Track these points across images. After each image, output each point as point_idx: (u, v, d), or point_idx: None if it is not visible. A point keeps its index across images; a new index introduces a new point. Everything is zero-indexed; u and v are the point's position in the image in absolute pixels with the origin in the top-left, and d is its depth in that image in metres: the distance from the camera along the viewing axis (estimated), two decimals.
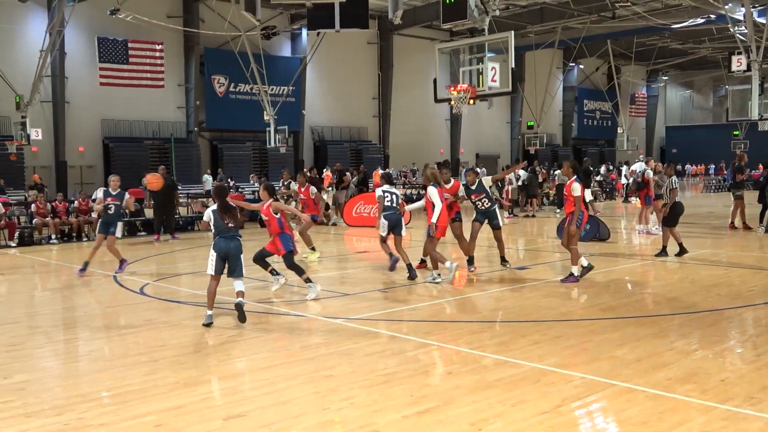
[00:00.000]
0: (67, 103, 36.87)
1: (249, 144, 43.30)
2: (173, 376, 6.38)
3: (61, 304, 10.25)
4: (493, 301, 9.95)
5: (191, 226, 21.18)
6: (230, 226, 8.40)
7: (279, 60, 43.19)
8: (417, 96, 49.26)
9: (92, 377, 6.53)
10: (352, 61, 47.44)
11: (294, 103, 43.30)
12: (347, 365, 6.63)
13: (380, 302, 9.92)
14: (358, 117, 48.71)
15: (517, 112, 57.04)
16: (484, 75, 17.62)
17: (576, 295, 10.10)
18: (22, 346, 7.82)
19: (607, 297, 9.85)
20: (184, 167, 39.50)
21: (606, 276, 11.66)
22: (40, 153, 36.16)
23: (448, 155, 52.16)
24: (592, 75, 61.52)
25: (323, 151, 46.28)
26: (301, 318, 8.86)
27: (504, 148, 57.90)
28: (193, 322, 8.83)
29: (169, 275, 12.68)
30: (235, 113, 41.83)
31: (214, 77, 41.60)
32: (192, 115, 41.41)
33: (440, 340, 7.51)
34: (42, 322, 9.07)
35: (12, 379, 6.48)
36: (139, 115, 39.50)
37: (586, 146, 64.06)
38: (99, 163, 38.74)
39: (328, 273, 12.69)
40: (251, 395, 5.83)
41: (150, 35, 37.68)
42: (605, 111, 62.73)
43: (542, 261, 13.92)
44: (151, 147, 39.67)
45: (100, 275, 12.83)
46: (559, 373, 6.23)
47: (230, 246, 8.42)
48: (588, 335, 7.60)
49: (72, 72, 36.90)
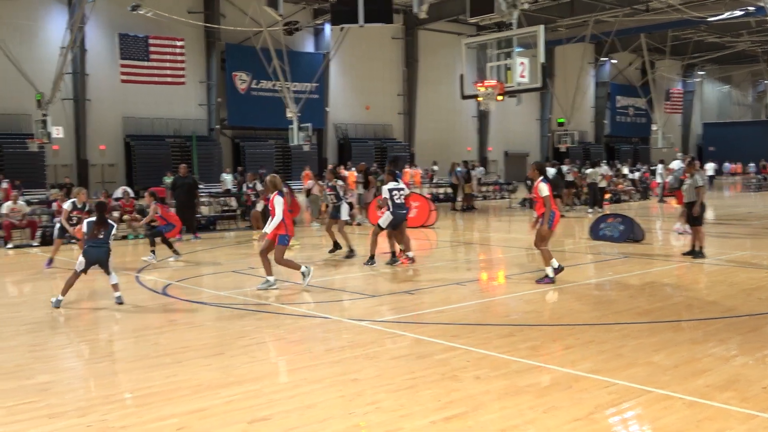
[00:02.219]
0: (88, 100, 37.34)
1: (272, 142, 43.50)
2: (196, 378, 6.43)
3: (84, 304, 10.37)
4: (523, 303, 9.89)
5: (213, 226, 21.33)
6: (100, 236, 9.98)
7: (302, 56, 43.36)
8: (443, 92, 49.17)
9: (115, 378, 6.60)
10: (376, 57, 47.48)
11: (317, 100, 43.42)
12: (373, 369, 6.63)
13: (406, 304, 9.91)
14: (383, 114, 48.73)
15: (547, 108, 56.70)
16: (512, 70, 17.55)
17: (610, 299, 10.01)
18: (44, 346, 7.93)
19: (643, 300, 9.75)
20: (205, 165, 39.78)
21: (641, 279, 11.54)
22: (61, 151, 36.65)
23: (475, 153, 52.03)
24: (625, 70, 60.92)
25: (347, 149, 46.35)
26: (326, 320, 8.88)
27: (533, 146, 57.59)
28: (216, 323, 8.90)
29: (192, 276, 12.78)
30: (257, 110, 42.06)
31: (236, 74, 41.86)
32: (213, 113, 41.72)
33: (468, 343, 7.49)
34: (64, 322, 9.19)
35: (35, 379, 6.58)
36: (160, 112, 39.87)
37: (619, 144, 63.51)
38: (120, 161, 39.18)
39: (353, 274, 12.71)
40: (275, 398, 5.86)
41: (171, 31, 38.04)
42: (639, 107, 62.13)
43: (574, 263, 13.82)
44: (173, 145, 40.04)
45: (122, 276, 12.98)
46: (593, 379, 6.18)
47: (99, 252, 10.00)
48: (623, 340, 7.53)
49: (93, 69, 37.35)
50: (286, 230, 10.76)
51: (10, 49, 29.13)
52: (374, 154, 45.97)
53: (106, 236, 10.08)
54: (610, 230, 16.46)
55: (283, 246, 10.83)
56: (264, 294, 10.57)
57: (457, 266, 13.72)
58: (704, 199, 13.57)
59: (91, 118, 37.54)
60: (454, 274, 12.54)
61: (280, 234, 10.71)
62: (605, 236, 16.49)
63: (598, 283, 11.45)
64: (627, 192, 32.57)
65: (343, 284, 11.69)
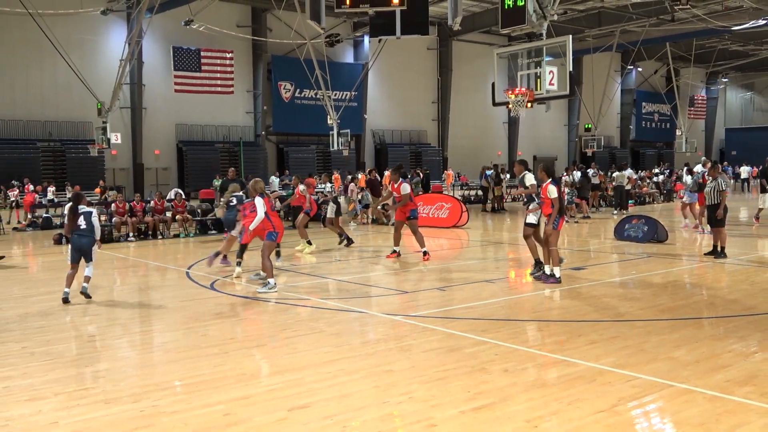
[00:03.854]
0: (144, 109, 37.98)
1: (313, 147, 43.76)
2: (241, 368, 6.49)
3: (138, 298, 10.55)
4: (549, 301, 9.81)
5: None
6: (82, 226, 9.84)
7: (342, 66, 43.53)
8: (475, 99, 48.96)
9: (166, 367, 6.70)
10: (412, 67, 47.47)
11: (356, 108, 43.58)
12: (406, 361, 6.63)
13: (438, 300, 9.90)
14: (418, 120, 48.71)
15: (575, 114, 56.10)
16: (541, 78, 17.38)
17: (633, 296, 9.87)
18: (102, 336, 8.08)
19: (665, 298, 9.60)
20: (252, 169, 40.13)
21: (664, 277, 11.36)
22: (119, 156, 37.37)
23: (505, 157, 51.69)
24: (651, 77, 60.02)
25: (384, 154, 46.42)
26: (363, 314, 8.90)
27: (561, 150, 57.03)
28: (261, 317, 8.98)
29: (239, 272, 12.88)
30: (300, 118, 42.36)
31: (281, 83, 42.21)
32: (260, 120, 42.12)
33: (497, 338, 7.45)
34: (120, 314, 9.36)
35: (93, 367, 6.71)
36: (210, 119, 40.38)
37: (644, 148, 62.56)
38: (173, 165, 39.76)
39: (387, 271, 12.72)
40: (315, 388, 5.89)
41: (221, 44, 38.50)
42: (664, 113, 61.16)
43: (599, 262, 13.65)
44: (222, 150, 40.52)
45: (173, 271, 13.16)
46: (616, 373, 6.10)
47: (82, 242, 9.88)
48: (645, 336, 7.42)
49: (149, 80, 37.98)
50: (273, 227, 10.78)
51: (74, 62, 29.74)
52: (409, 159, 45.96)
53: (88, 225, 9.92)
54: (635, 231, 16.25)
55: (270, 242, 10.77)
56: (300, 288, 10.63)
57: (487, 265, 13.65)
58: (726, 202, 13.30)
59: (146, 125, 38.19)
60: (484, 272, 12.48)
61: (268, 231, 10.75)
62: (630, 237, 16.28)
63: (623, 282, 11.29)
64: (651, 194, 32.08)
65: (378, 281, 11.71)
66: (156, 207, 19.58)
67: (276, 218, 11.03)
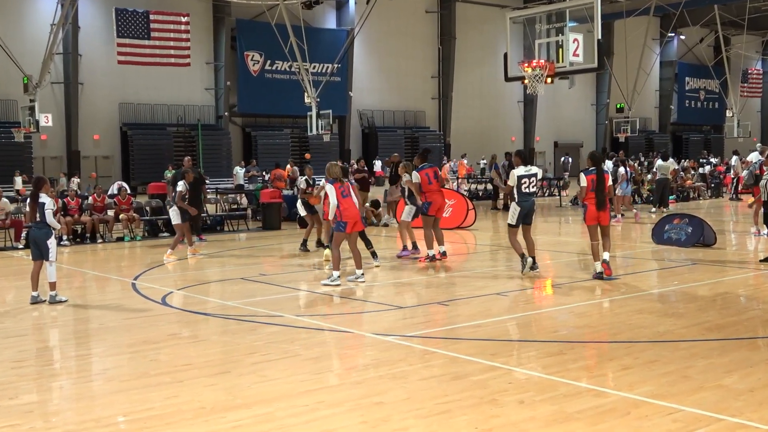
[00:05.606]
0: (80, 84, 37.87)
1: (287, 131, 43.79)
2: (199, 400, 6.48)
3: (74, 315, 10.50)
4: (574, 317, 9.83)
5: (220, 226, 21.47)
6: (38, 219, 10.49)
7: (322, 33, 43.57)
8: (484, 74, 49.10)
9: (108, 399, 6.67)
10: (407, 33, 47.55)
11: (340, 84, 43.61)
12: (401, 391, 6.64)
13: (439, 317, 9.90)
14: (415, 99, 48.79)
15: (604, 92, 56.33)
16: (564, 48, 17.49)
17: (675, 312, 9.91)
18: (30, 362, 8.04)
19: (714, 314, 9.65)
20: (212, 158, 40.18)
21: (712, 289, 11.41)
22: (50, 141, 37.23)
23: (520, 144, 51.85)
24: (696, 47, 60.23)
25: (373, 139, 46.51)
26: (348, 334, 8.90)
27: (588, 136, 57.28)
28: (222, 337, 8.96)
29: (195, 283, 12.88)
30: (271, 95, 42.34)
31: (248, 54, 42.19)
32: (222, 98, 42.08)
33: (510, 363, 7.46)
34: (52, 336, 9.30)
35: (19, 399, 6.67)
36: (161, 98, 40.31)
37: (688, 132, 62.93)
38: (116, 153, 39.70)
39: (379, 282, 12.72)
40: (289, 424, 5.88)
41: (174, 6, 38.47)
42: (711, 90, 61.47)
43: (635, 270, 13.70)
44: (176, 134, 40.50)
45: (116, 282, 13.12)
46: (655, 405, 6.12)
47: (37, 234, 10.59)
48: (690, 360, 7.46)
49: (86, 49, 37.88)
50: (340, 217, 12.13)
51: None
52: (404, 145, 46.01)
53: (42, 217, 10.54)
54: (677, 233, 16.31)
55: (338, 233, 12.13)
56: (270, 302, 10.63)
57: (498, 274, 13.67)
58: None
59: (84, 104, 38.07)
60: (495, 282, 12.50)
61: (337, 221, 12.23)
62: (670, 240, 16.35)
63: (662, 294, 11.33)
64: (696, 188, 32.24)
65: (367, 293, 11.71)
66: (95, 204, 19.50)
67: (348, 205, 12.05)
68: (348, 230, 12.08)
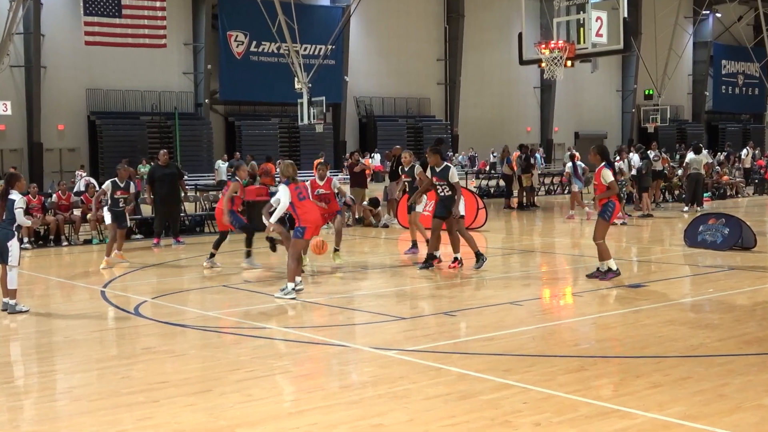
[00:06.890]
0: (43, 68, 37.85)
1: (275, 121, 43.79)
2: (177, 422, 6.48)
3: (36, 326, 10.50)
4: (597, 329, 9.84)
5: (200, 228, 21.46)
6: (3, 218, 10.66)
7: (314, 11, 43.61)
8: (496, 57, 49.10)
9: (74, 421, 6.67)
10: (410, 11, 47.57)
11: (334, 67, 43.60)
12: (402, 411, 6.64)
13: (446, 329, 9.90)
14: (418, 85, 48.78)
15: (631, 77, 56.35)
16: (586, 27, 17.48)
17: (710, 323, 9.92)
18: None
19: (753, 325, 9.65)
20: (191, 150, 40.16)
21: (751, 297, 11.42)
22: (9, 132, 37.20)
23: (536, 135, 51.87)
24: (733, 27, 60.25)
25: (371, 130, 46.48)
26: (343, 348, 8.90)
27: (613, 126, 57.31)
28: (202, 351, 8.96)
29: (173, 291, 12.87)
30: (257, 81, 42.32)
31: (231, 34, 42.20)
32: (202, 84, 42.07)
33: (525, 380, 7.46)
34: (12, 350, 9.29)
35: None
36: (134, 83, 40.29)
37: (725, 122, 62.96)
38: (83, 145, 39.68)
39: (378, 290, 12.73)
40: None
41: None
42: (751, 75, 61.46)
43: (665, 276, 13.71)
44: (150, 124, 40.48)
45: (83, 290, 13.11)
46: (687, 427, 6.13)
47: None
48: (726, 376, 7.46)
49: (49, 28, 37.87)
50: None
51: None
52: (406, 136, 46.00)
53: (9, 215, 10.68)
54: (712, 234, 16.32)
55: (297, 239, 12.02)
56: (256, 313, 10.63)
57: (512, 281, 13.68)
58: None
59: (46, 89, 38.04)
60: (508, 290, 12.50)
61: None
62: (705, 242, 16.35)
63: (696, 303, 11.34)
64: (734, 185, 32.24)
65: (365, 302, 11.71)
66: (60, 202, 19.51)
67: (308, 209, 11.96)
68: (307, 236, 11.90)
